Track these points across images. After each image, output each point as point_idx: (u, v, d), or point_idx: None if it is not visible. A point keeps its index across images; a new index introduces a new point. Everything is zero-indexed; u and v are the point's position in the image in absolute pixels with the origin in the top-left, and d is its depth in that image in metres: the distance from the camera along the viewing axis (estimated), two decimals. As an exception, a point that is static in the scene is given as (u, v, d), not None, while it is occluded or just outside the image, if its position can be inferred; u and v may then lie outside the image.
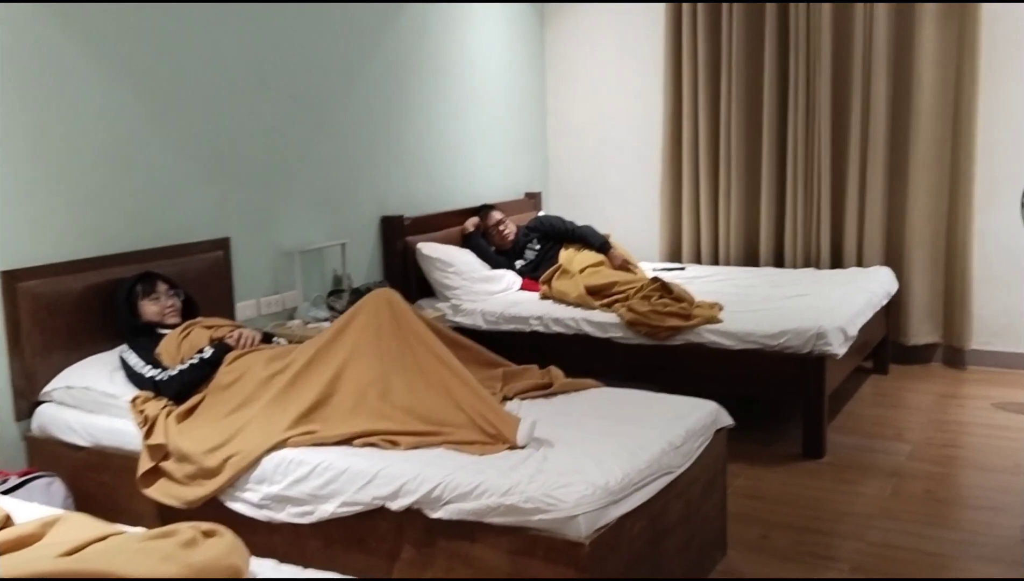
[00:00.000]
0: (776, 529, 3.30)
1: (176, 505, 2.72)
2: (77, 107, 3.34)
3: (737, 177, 5.62)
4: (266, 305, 4.17)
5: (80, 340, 3.30)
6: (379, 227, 4.85)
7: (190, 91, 3.77)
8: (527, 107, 6.14)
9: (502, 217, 5.27)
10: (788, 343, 3.95)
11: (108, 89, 3.44)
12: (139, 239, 3.59)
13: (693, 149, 5.77)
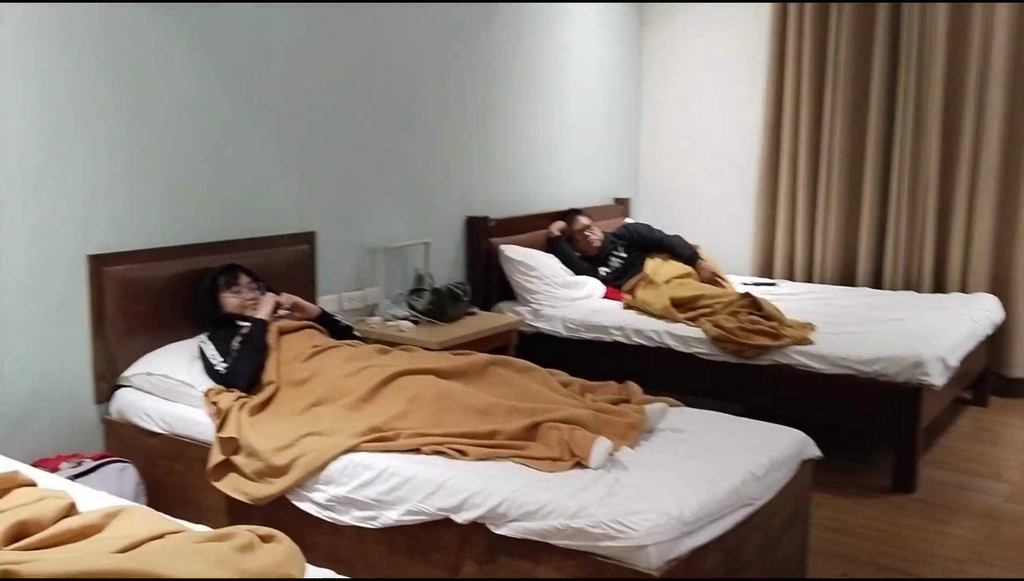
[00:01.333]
0: (859, 567, 3.13)
1: (244, 499, 2.70)
2: (174, 97, 3.37)
3: (838, 191, 5.40)
4: (348, 301, 4.16)
5: (162, 327, 3.33)
6: (463, 227, 4.80)
7: (283, 86, 3.78)
8: (620, 110, 6.02)
9: (589, 222, 5.17)
10: (883, 370, 3.76)
11: (205, 81, 3.47)
12: (226, 230, 3.61)
13: (792, 160, 5.56)
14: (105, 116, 3.15)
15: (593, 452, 2.46)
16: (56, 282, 3.06)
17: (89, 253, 3.13)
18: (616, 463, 2.48)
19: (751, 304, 4.26)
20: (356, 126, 4.13)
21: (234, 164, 3.63)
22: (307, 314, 3.48)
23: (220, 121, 3.55)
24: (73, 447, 3.10)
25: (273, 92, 3.74)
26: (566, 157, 5.56)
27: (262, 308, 3.29)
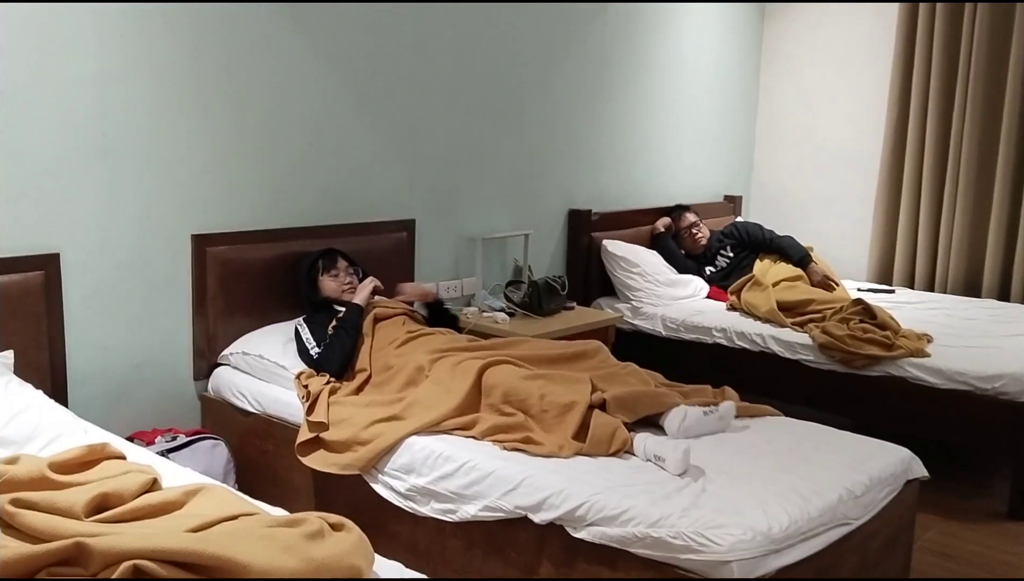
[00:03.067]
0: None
1: (333, 471, 2.70)
2: (282, 82, 3.41)
3: (965, 196, 5.08)
4: (445, 290, 4.15)
5: (261, 308, 3.39)
6: (565, 220, 4.73)
7: (389, 74, 3.79)
8: (736, 106, 5.82)
9: (696, 220, 5.02)
10: (1004, 388, 3.52)
11: (312, 66, 3.50)
12: (328, 214, 3.64)
13: (917, 161, 5.26)
14: (210, 99, 3.20)
15: (671, 459, 2.37)
16: (160, 260, 3.14)
17: (192, 232, 3.20)
18: (704, 471, 2.38)
19: (864, 311, 4.05)
20: (460, 115, 4.11)
21: (336, 150, 3.65)
22: (425, 297, 3.57)
23: (323, 106, 3.58)
24: (170, 421, 3.18)
25: (377, 79, 3.75)
26: (676, 152, 5.41)
27: (359, 293, 3.30)
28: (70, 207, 2.89)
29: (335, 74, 3.59)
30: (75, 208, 2.90)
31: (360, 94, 3.69)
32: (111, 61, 2.93)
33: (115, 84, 2.95)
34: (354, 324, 3.14)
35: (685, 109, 5.41)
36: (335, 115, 3.62)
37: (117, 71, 2.95)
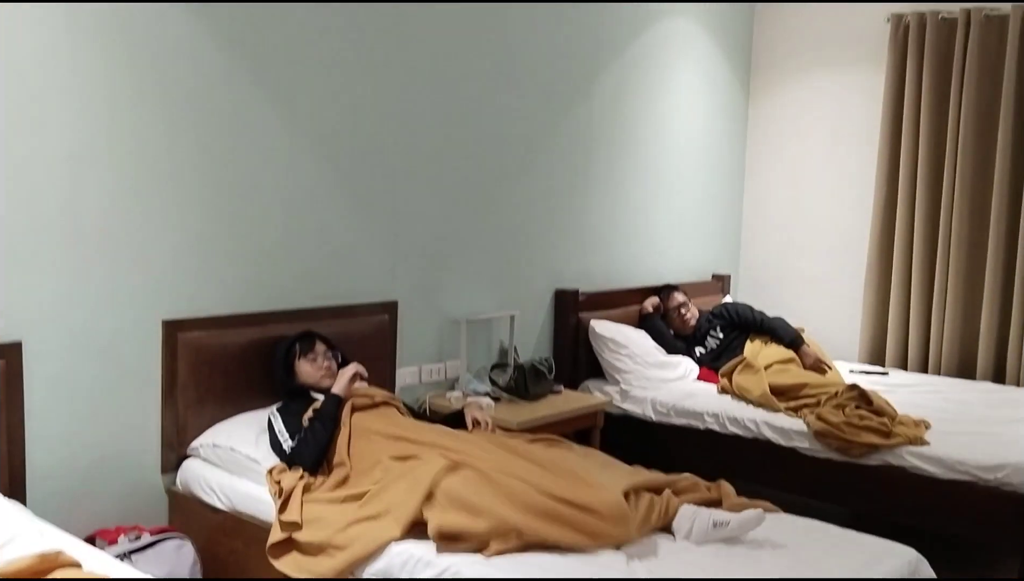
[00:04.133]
0: None
1: (305, 577, 2.54)
2: (259, 160, 3.33)
3: (956, 275, 5.01)
4: (428, 373, 4.02)
5: (235, 396, 3.24)
6: (552, 300, 4.63)
7: (371, 152, 3.72)
8: (722, 185, 5.79)
9: (685, 299, 4.93)
10: (1007, 479, 3.39)
11: (291, 145, 3.42)
12: (307, 297, 3.53)
13: (907, 241, 5.21)
14: (185, 179, 3.11)
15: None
16: (129, 347, 3.00)
17: (165, 318, 3.07)
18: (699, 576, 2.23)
19: (859, 396, 3.94)
20: (444, 194, 4.04)
21: (316, 229, 3.55)
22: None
23: (303, 185, 3.49)
24: (136, 517, 3.01)
25: (359, 157, 3.68)
26: (663, 230, 5.35)
27: (339, 381, 3.15)
28: (35, 293, 2.77)
29: (315, 152, 3.51)
30: (40, 294, 2.78)
31: (341, 172, 3.61)
32: (84, 142, 2.84)
33: (88, 165, 2.85)
34: (332, 415, 2.99)
35: (672, 188, 5.36)
36: (315, 194, 3.53)
37: (90, 152, 2.85)
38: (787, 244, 5.80)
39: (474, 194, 4.18)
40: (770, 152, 5.86)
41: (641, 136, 5.09)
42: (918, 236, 5.15)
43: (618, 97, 4.91)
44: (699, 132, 5.53)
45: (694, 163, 5.52)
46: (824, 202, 5.65)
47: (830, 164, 5.62)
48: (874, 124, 5.37)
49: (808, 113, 5.69)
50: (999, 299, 4.92)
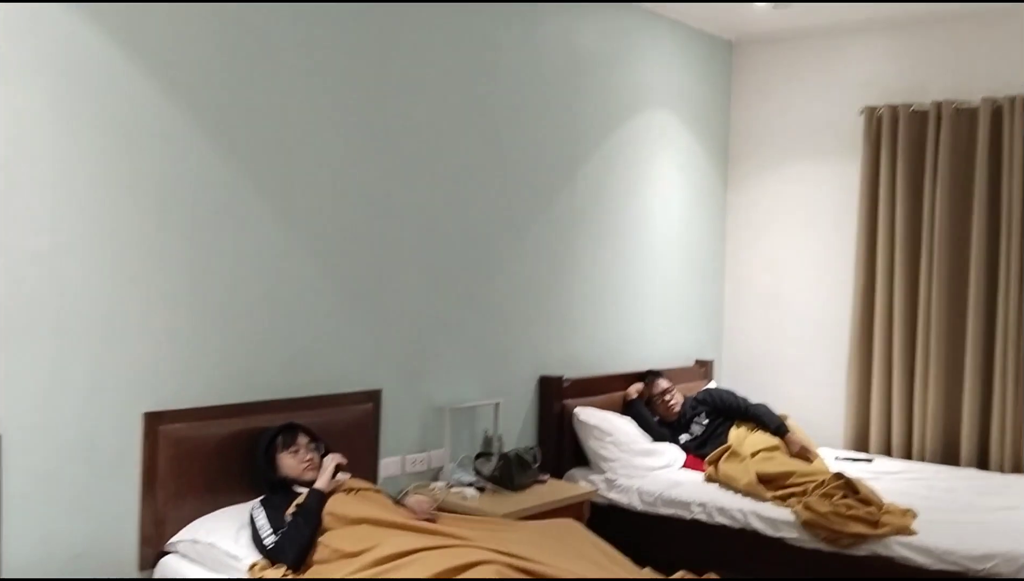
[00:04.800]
0: None
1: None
2: (243, 249, 3.33)
3: (936, 361, 5.04)
4: (411, 463, 3.97)
5: (216, 489, 3.18)
6: (536, 387, 4.61)
7: (357, 241, 3.74)
8: (704, 271, 5.84)
9: (669, 386, 4.93)
10: (997, 569, 3.37)
11: (278, 235, 3.44)
12: (290, 387, 3.50)
13: (887, 327, 5.25)
14: (168, 269, 3.11)
15: None
16: (108, 440, 2.95)
17: (145, 410, 3.04)
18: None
19: (846, 485, 3.92)
20: (428, 280, 4.05)
21: (303, 319, 3.55)
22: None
23: (291, 274, 3.50)
24: (111, 616, 2.92)
25: (342, 245, 3.69)
26: (646, 316, 5.37)
27: (321, 475, 3.10)
28: (16, 385, 2.73)
29: (300, 241, 3.53)
30: (19, 386, 2.74)
31: (326, 260, 3.62)
32: (68, 232, 2.84)
33: (72, 256, 2.85)
34: (314, 511, 2.94)
35: (654, 274, 5.41)
36: (299, 282, 3.53)
37: (74, 242, 2.85)
38: (769, 329, 5.84)
39: (459, 281, 4.19)
40: (749, 239, 5.94)
41: (623, 223, 5.16)
42: (897, 322, 5.19)
43: (601, 185, 4.98)
44: (679, 219, 5.60)
45: (675, 250, 5.58)
46: (804, 288, 5.71)
47: (809, 251, 5.69)
48: (851, 212, 5.46)
49: (785, 201, 5.78)
50: (980, 385, 4.94)
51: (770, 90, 5.82)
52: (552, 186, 4.67)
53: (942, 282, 5.03)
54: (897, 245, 5.20)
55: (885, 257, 5.24)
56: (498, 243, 4.39)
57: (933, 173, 5.09)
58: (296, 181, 3.50)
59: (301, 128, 3.51)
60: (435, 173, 4.05)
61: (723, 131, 5.96)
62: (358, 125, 3.71)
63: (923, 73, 5.24)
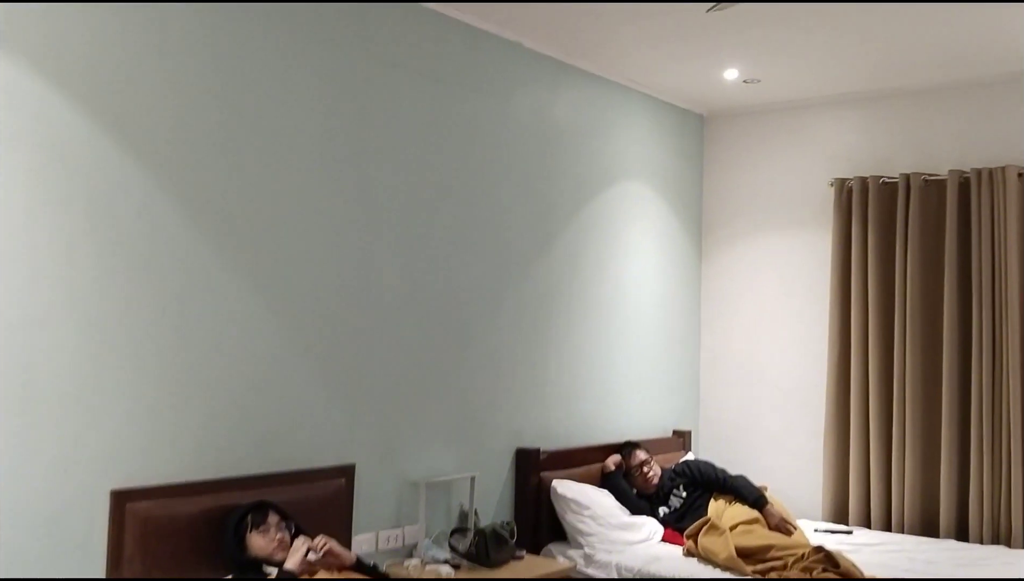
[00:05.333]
0: None
1: None
2: (218, 324, 3.30)
3: (913, 432, 5.04)
4: (385, 540, 3.89)
5: (184, 569, 3.09)
6: (513, 460, 4.56)
7: (332, 313, 3.72)
8: (680, 341, 5.85)
9: (647, 457, 4.88)
10: (981, 644, 3.32)
11: (251, 308, 3.41)
12: (262, 463, 3.43)
13: (863, 397, 5.26)
14: (140, 343, 3.07)
15: None
16: (74, 520, 2.87)
17: (113, 487, 2.96)
18: None
19: (826, 559, 3.87)
20: (403, 352, 4.02)
21: (277, 393, 3.50)
22: (341, 562, 3.21)
23: (263, 349, 3.46)
24: None
25: (322, 318, 3.67)
26: (623, 386, 5.35)
27: (292, 557, 3.03)
28: (-23, 464, 2.66)
29: (274, 314, 3.50)
30: (-17, 464, 2.67)
31: (300, 333, 3.59)
32: (38, 306, 2.80)
33: (42, 329, 2.81)
34: (285, 595, 2.86)
35: (631, 344, 5.41)
36: (273, 355, 3.49)
37: (44, 316, 2.81)
38: (746, 399, 5.83)
39: (435, 353, 4.17)
40: (724, 308, 5.97)
41: (599, 294, 5.17)
42: (873, 392, 5.20)
43: (576, 256, 5.01)
44: (655, 289, 5.63)
45: (651, 320, 5.59)
46: (780, 358, 5.72)
47: (784, 320, 5.72)
48: (824, 282, 5.51)
49: (760, 271, 5.83)
50: (957, 455, 4.94)
51: (742, 162, 5.91)
52: (528, 257, 4.69)
53: (916, 351, 5.06)
54: (871, 315, 5.24)
55: (859, 327, 5.28)
56: (474, 315, 4.38)
57: (904, 244, 5.15)
58: (271, 253, 3.49)
59: (276, 200, 3.51)
60: (411, 244, 4.05)
61: (696, 202, 6.03)
62: (334, 197, 3.72)
63: (891, 146, 5.35)
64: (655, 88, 5.48)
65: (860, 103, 5.47)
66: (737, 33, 4.45)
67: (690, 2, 3.99)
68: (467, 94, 4.34)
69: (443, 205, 4.21)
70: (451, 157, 4.26)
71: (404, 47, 4.02)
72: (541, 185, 4.78)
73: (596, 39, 4.61)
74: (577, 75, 5.01)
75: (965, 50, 4.61)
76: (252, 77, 3.42)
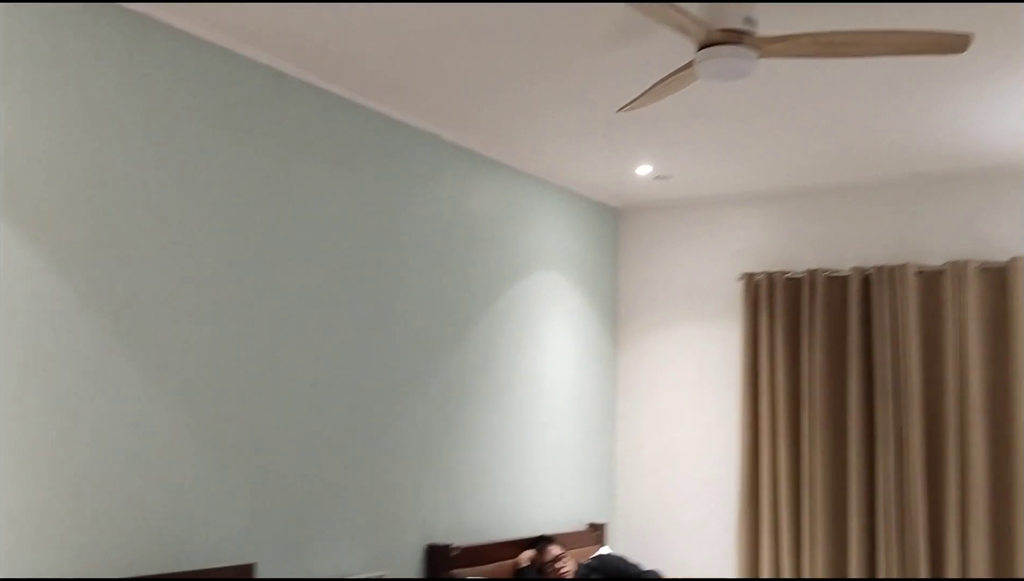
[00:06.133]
0: None
1: None
2: (109, 413, 3.15)
3: (823, 520, 5.12)
4: (284, 646, 3.71)
5: (63, 680, 2.88)
6: (424, 557, 4.43)
7: (233, 403, 3.59)
8: (595, 432, 5.84)
9: (560, 552, 4.81)
10: None
11: (144, 395, 3.27)
12: (155, 562, 3.25)
13: (772, 488, 5.31)
14: (27, 432, 2.91)
15: None
16: (-59, 628, 2.66)
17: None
18: None
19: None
20: (309, 443, 3.90)
21: (169, 487, 3.33)
22: None
23: (157, 439, 3.29)
24: None
25: (219, 409, 3.53)
26: (538, 478, 5.29)
27: None
28: None
29: (169, 402, 3.36)
30: None
31: (197, 423, 3.44)
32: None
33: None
34: None
35: (545, 435, 5.37)
36: (167, 446, 3.33)
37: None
38: (660, 491, 5.82)
39: (344, 444, 4.06)
40: (639, 399, 6.00)
41: (514, 384, 5.14)
42: (783, 483, 5.27)
43: (492, 345, 4.99)
44: (570, 380, 5.63)
45: (567, 410, 5.58)
46: (693, 449, 5.75)
47: (697, 411, 5.77)
48: (735, 373, 5.60)
49: (673, 361, 5.90)
50: (864, 544, 5.01)
51: (655, 255, 6.03)
52: (443, 347, 4.64)
53: (823, 442, 5.17)
54: (779, 406, 5.34)
55: (768, 418, 5.36)
56: (386, 405, 4.29)
57: (810, 337, 5.29)
58: (172, 343, 3.37)
59: (179, 288, 3.41)
60: (321, 333, 3.98)
61: (612, 293, 6.10)
62: (241, 283, 3.64)
63: (797, 242, 5.53)
64: (570, 181, 5.59)
65: (767, 201, 5.66)
66: (649, 131, 4.58)
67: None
68: (384, 183, 4.35)
69: (356, 293, 4.16)
70: (365, 245, 4.23)
71: (320, 134, 4.02)
72: (457, 274, 4.78)
73: (513, 132, 4.69)
74: (494, 167, 5.07)
75: (866, 153, 4.83)
76: (157, 157, 3.35)
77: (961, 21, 3.14)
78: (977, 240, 4.99)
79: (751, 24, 2.90)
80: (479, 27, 3.42)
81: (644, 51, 3.54)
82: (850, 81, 3.82)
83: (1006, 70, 3.65)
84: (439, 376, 4.62)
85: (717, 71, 2.96)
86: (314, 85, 3.99)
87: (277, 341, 3.77)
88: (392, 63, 3.79)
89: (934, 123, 4.31)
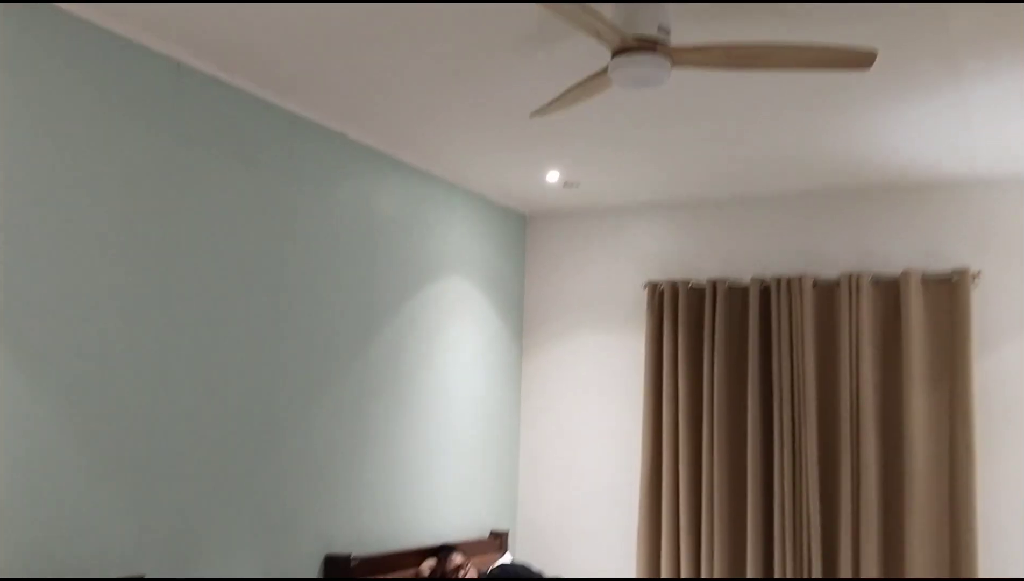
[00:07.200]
0: None
1: None
2: (-12, 421, 2.95)
3: (720, 525, 5.19)
4: (174, 662, 3.54)
5: None
6: (322, 568, 4.30)
7: (120, 406, 3.41)
8: (499, 439, 5.80)
9: (463, 561, 4.75)
10: None
11: (22, 395, 3.07)
12: (37, 575, 3.05)
13: (673, 495, 5.37)
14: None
15: None
16: None
17: None
18: None
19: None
20: (202, 450, 3.74)
21: (47, 492, 3.13)
22: None
23: (35, 442, 3.10)
24: None
25: (105, 412, 3.35)
26: (440, 486, 5.22)
27: None
28: None
29: (49, 403, 3.17)
30: None
31: (80, 426, 3.25)
32: None
33: None
34: None
35: (448, 443, 5.31)
36: (46, 450, 3.14)
37: None
38: (563, 498, 5.82)
39: (235, 452, 3.91)
40: (543, 407, 5.99)
41: (418, 390, 5.06)
42: (683, 489, 5.32)
43: (396, 351, 4.89)
44: (475, 387, 5.58)
45: (470, 418, 5.52)
46: (596, 456, 5.77)
47: (600, 418, 5.79)
48: (638, 381, 5.64)
49: (577, 369, 5.91)
50: (761, 549, 5.09)
51: (562, 262, 6.03)
52: (346, 351, 4.53)
53: (723, 449, 5.24)
54: (680, 413, 5.40)
55: (670, 425, 5.42)
56: (284, 411, 4.16)
57: (711, 345, 5.37)
58: (51, 340, 3.18)
59: (61, 281, 3.22)
60: (214, 333, 3.82)
61: (518, 300, 6.08)
62: (128, 280, 3.46)
63: (700, 252, 5.61)
64: (480, 186, 5.54)
65: (672, 210, 5.73)
66: (558, 138, 4.57)
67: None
68: (285, 180, 4.21)
69: (252, 293, 4.02)
70: (263, 244, 4.09)
71: (218, 128, 3.87)
72: (361, 278, 4.67)
73: (422, 134, 4.62)
74: (402, 168, 4.99)
75: (769, 165, 4.93)
76: (42, 144, 3.17)
77: (867, 36, 3.22)
78: (871, 253, 5.15)
79: (664, 33, 2.91)
80: (389, 24, 3.34)
81: (558, 56, 3.52)
82: (757, 94, 3.89)
83: (903, 88, 3.76)
84: (340, 382, 4.50)
85: (631, 78, 2.96)
86: (215, 77, 3.85)
87: (167, 342, 3.61)
88: (297, 58, 3.67)
89: (833, 138, 4.43)
